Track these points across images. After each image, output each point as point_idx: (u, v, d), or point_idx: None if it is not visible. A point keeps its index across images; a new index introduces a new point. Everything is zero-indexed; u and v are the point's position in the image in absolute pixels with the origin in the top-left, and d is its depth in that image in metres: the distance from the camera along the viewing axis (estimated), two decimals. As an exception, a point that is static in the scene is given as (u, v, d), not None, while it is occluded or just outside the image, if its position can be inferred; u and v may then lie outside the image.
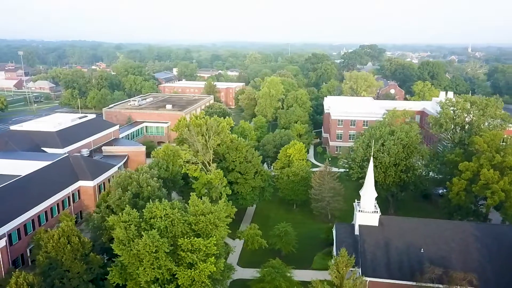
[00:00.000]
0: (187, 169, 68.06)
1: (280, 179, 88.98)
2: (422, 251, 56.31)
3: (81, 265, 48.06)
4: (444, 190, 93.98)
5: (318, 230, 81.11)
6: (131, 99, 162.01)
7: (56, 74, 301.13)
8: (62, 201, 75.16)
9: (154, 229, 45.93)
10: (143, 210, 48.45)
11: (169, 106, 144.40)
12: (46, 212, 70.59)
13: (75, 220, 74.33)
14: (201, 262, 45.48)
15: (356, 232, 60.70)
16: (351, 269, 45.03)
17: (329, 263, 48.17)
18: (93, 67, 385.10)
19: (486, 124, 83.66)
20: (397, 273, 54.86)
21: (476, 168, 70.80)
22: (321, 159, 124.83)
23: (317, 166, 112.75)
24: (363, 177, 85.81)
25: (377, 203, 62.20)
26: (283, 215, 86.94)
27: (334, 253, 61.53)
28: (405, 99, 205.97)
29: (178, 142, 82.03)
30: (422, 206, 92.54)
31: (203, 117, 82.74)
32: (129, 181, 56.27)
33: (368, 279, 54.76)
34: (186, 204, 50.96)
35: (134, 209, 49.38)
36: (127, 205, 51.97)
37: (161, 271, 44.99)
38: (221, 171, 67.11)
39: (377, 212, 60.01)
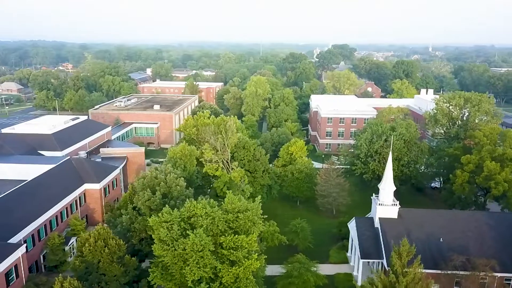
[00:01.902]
0: (208, 168, 67.88)
1: (284, 176, 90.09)
2: (441, 240, 58.99)
3: (118, 268, 47.24)
4: (437, 184, 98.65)
5: (325, 225, 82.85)
6: (117, 99, 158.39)
7: (24, 75, 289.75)
8: (70, 205, 73.07)
9: (197, 228, 45.83)
10: (176, 210, 48.11)
11: (157, 107, 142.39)
12: (56, 216, 68.46)
13: (85, 223, 72.80)
14: (245, 259, 45.80)
15: (376, 224, 62.70)
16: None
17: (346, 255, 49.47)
18: (60, 68, 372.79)
19: (477, 120, 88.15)
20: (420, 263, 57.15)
21: (477, 160, 74.69)
22: (312, 157, 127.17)
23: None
24: (366, 173, 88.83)
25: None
26: (289, 212, 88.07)
27: (356, 245, 63.29)
28: (381, 96, 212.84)
29: (185, 142, 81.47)
30: (418, 199, 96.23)
31: (209, 117, 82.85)
32: (155, 181, 55.58)
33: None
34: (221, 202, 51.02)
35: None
36: (157, 206, 51.50)
37: (206, 269, 44.97)
38: (242, 169, 67.41)
39: (396, 204, 62.24)
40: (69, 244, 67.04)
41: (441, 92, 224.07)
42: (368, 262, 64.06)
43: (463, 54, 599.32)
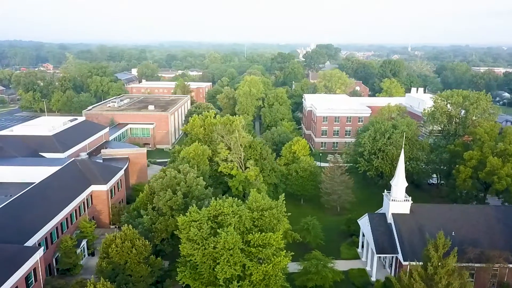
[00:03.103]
0: (223, 168, 68.00)
1: (288, 175, 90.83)
2: (453, 234, 60.64)
3: (146, 268, 47.02)
4: (434, 180, 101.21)
5: (331, 222, 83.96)
6: (110, 100, 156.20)
7: (4, 76, 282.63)
8: (79, 207, 72.02)
9: (224, 226, 46.08)
10: (204, 208, 48.26)
11: (151, 107, 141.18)
12: (66, 219, 67.39)
13: (95, 225, 71.95)
14: (274, 256, 46.30)
15: (389, 220, 64.02)
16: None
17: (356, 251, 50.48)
18: (41, 68, 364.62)
19: (474, 117, 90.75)
20: (434, 256, 58.76)
21: (479, 156, 77.05)
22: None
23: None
24: (370, 170, 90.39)
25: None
26: (294, 210, 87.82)
27: (369, 241, 64.52)
28: (369, 95, 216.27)
29: (191, 142, 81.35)
30: (416, 194, 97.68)
31: (214, 116, 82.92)
32: (174, 181, 55.41)
33: (410, 263, 58.32)
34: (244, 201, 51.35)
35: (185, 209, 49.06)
36: (179, 205, 51.44)
37: (236, 268, 45.26)
38: (257, 168, 67.79)
39: (408, 200, 63.70)
40: (81, 246, 66.29)
41: (425, 91, 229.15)
42: (380, 257, 65.36)
43: (441, 53, 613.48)
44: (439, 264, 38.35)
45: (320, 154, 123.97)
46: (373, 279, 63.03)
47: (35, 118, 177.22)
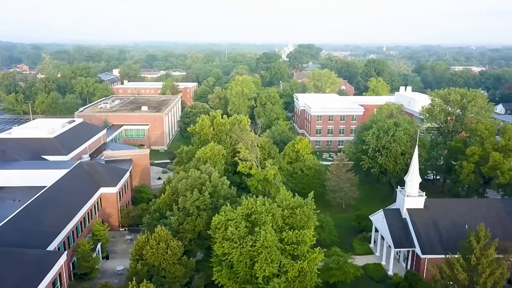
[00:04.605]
0: (242, 167, 68.18)
1: (294, 173, 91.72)
2: (466, 227, 62.89)
3: (180, 269, 46.87)
4: (430, 176, 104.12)
5: (339, 219, 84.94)
6: (100, 101, 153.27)
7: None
8: (90, 210, 70.85)
9: (258, 225, 46.45)
10: (239, 207, 48.51)
11: (144, 108, 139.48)
12: (80, 222, 66.23)
13: (108, 228, 70.90)
14: (308, 253, 47.01)
15: (404, 215, 65.77)
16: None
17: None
18: (17, 69, 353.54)
19: (471, 114, 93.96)
20: (451, 249, 60.58)
21: (480, 152, 80.00)
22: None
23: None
24: (374, 167, 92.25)
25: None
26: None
27: (385, 236, 66.12)
28: (354, 94, 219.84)
29: (200, 142, 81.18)
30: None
31: (221, 116, 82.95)
32: (198, 181, 55.30)
33: (428, 256, 60.27)
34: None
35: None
36: (207, 205, 51.46)
37: (273, 265, 45.70)
38: (276, 167, 68.32)
39: (422, 195, 65.60)
40: (96, 250, 65.29)
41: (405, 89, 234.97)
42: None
43: (416, 53, 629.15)
44: (482, 254, 40.00)
45: (317, 153, 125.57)
46: (390, 273, 64.63)
47: (21, 120, 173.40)
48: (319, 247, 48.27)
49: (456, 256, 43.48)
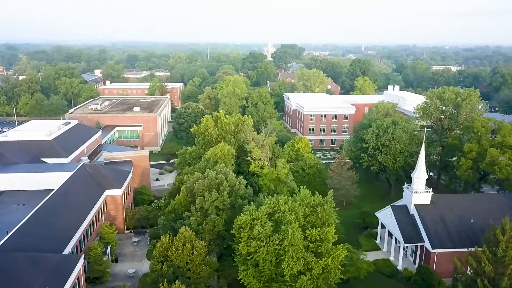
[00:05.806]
0: (254, 167, 68.35)
1: (295, 172, 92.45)
2: (472, 221, 65.03)
3: (206, 269, 46.86)
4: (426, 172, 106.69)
5: (342, 216, 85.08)
6: (91, 102, 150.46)
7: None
8: (97, 213, 69.81)
9: (282, 223, 46.92)
10: (263, 206, 48.84)
11: (136, 109, 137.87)
12: (90, 225, 65.21)
13: (116, 231, 70.03)
14: (332, 250, 47.77)
15: (411, 211, 67.38)
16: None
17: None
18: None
19: (465, 112, 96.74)
20: (458, 243, 62.64)
21: (477, 148, 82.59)
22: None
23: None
24: (373, 165, 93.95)
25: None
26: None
27: (393, 232, 67.59)
28: (340, 93, 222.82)
29: (204, 142, 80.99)
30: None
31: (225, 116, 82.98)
32: (215, 181, 55.30)
33: (437, 250, 61.99)
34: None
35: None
36: (225, 205, 51.58)
37: (299, 263, 46.24)
38: (288, 166, 68.79)
39: (428, 191, 67.35)
40: (106, 252, 64.45)
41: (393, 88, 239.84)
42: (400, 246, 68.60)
43: (394, 53, 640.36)
44: (507, 246, 41.56)
45: (311, 151, 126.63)
46: (400, 268, 66.13)
47: (4, 122, 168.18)
48: (342, 244, 49.00)
49: (480, 249, 44.93)
